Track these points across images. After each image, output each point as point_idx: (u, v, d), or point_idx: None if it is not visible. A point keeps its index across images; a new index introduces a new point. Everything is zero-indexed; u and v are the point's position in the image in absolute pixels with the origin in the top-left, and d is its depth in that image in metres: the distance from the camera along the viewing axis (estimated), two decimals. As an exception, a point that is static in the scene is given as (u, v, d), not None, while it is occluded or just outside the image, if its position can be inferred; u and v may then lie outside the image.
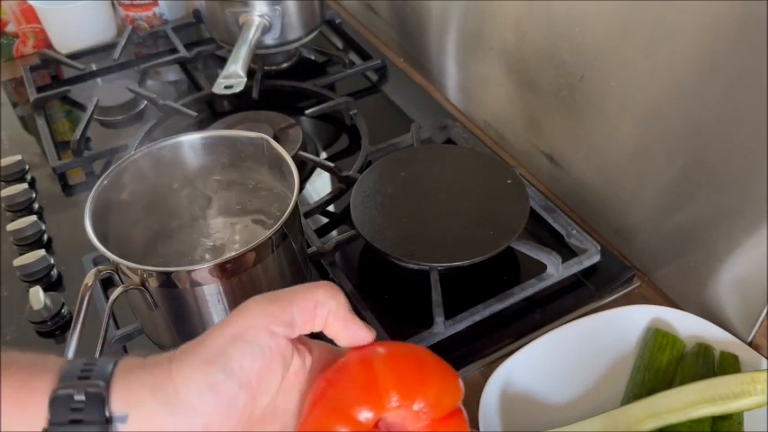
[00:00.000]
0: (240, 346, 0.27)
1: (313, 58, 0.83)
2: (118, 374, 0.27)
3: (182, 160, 0.52)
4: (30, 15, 0.86)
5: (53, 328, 0.54)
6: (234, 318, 0.28)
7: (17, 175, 0.68)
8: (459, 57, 0.71)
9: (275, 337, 0.28)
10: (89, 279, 0.43)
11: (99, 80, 0.81)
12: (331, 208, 0.62)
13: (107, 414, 0.26)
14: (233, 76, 0.67)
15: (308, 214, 0.60)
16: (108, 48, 0.84)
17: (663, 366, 0.46)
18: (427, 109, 0.74)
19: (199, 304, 0.44)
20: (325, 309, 0.29)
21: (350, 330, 0.30)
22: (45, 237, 0.62)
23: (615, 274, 0.54)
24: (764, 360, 0.45)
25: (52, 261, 0.59)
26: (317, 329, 0.30)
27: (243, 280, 0.44)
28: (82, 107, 0.77)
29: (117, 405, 0.26)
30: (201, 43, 0.85)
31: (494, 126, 0.69)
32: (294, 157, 0.52)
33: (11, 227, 0.61)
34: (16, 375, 0.26)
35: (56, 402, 0.26)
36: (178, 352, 0.28)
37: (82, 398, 0.26)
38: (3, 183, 0.67)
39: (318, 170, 0.67)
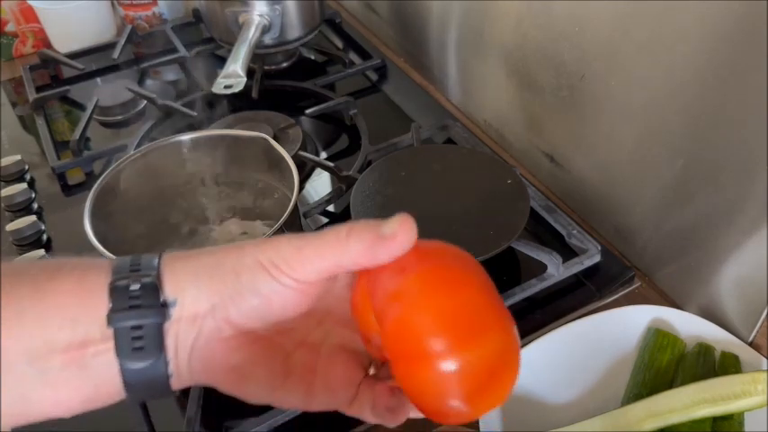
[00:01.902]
0: (263, 276, 0.28)
1: (313, 57, 0.83)
2: (165, 265, 0.28)
3: (181, 160, 0.52)
4: (29, 15, 0.86)
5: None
6: (268, 249, 0.28)
7: (16, 175, 0.68)
8: (459, 56, 0.71)
9: (296, 282, 0.28)
10: (89, 279, 0.43)
11: (98, 80, 0.81)
12: (331, 208, 0.62)
13: (162, 299, 0.28)
14: (232, 75, 0.66)
15: (307, 214, 0.60)
16: (107, 47, 0.83)
17: (663, 366, 0.46)
18: (427, 109, 0.74)
19: (199, 304, 0.44)
20: (347, 264, 0.28)
21: (380, 255, 0.27)
22: (44, 237, 0.62)
23: (616, 274, 0.54)
24: (765, 360, 0.45)
25: (52, 261, 0.58)
26: (349, 270, 0.29)
27: (243, 280, 0.44)
28: (81, 107, 0.77)
29: (169, 290, 0.28)
30: (201, 43, 0.85)
31: (494, 126, 0.69)
32: (294, 157, 0.52)
33: (10, 227, 0.61)
34: (73, 273, 0.28)
35: (115, 291, 0.27)
36: (227, 252, 0.29)
37: (137, 287, 0.27)
38: (2, 183, 0.67)
39: (318, 170, 0.67)
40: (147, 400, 0.29)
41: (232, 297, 0.28)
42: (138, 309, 0.27)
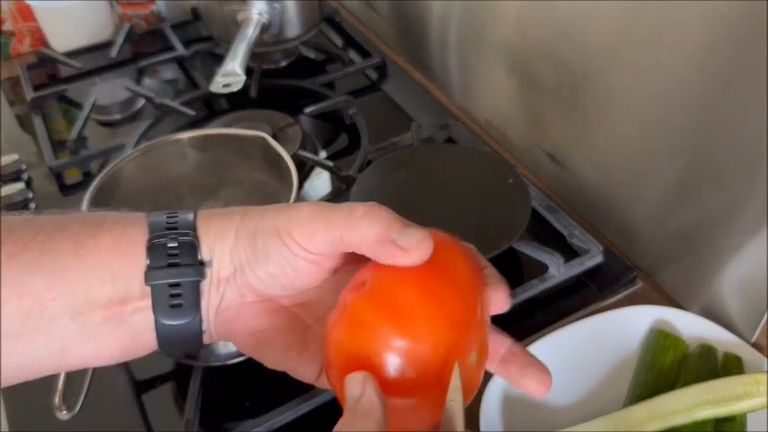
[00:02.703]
0: (276, 245, 0.27)
1: (312, 56, 0.83)
2: (200, 224, 0.29)
3: (179, 159, 0.51)
4: (26, 14, 0.86)
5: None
6: (284, 215, 0.28)
7: (14, 175, 0.67)
8: (459, 55, 0.70)
9: (308, 251, 0.27)
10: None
11: (96, 79, 0.81)
12: (330, 208, 0.62)
13: (199, 258, 0.28)
14: (231, 74, 0.66)
15: (307, 214, 0.59)
16: (105, 46, 0.83)
17: (666, 367, 0.45)
18: (428, 107, 0.73)
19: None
20: (352, 244, 0.27)
21: (384, 257, 0.26)
22: (42, 237, 0.61)
23: (618, 275, 0.54)
24: (767, 361, 0.45)
25: (49, 261, 0.58)
26: (352, 250, 0.27)
27: (242, 281, 0.44)
28: (79, 106, 0.76)
29: (204, 250, 0.28)
30: (199, 41, 0.84)
31: (495, 125, 0.69)
32: (293, 157, 0.52)
33: (7, 227, 0.60)
34: (113, 229, 0.28)
35: (153, 249, 0.28)
36: (253, 212, 0.29)
37: (175, 245, 0.28)
38: (0, 182, 0.67)
39: (318, 169, 0.66)
40: (177, 353, 0.31)
41: (249, 262, 0.28)
42: (177, 267, 0.27)
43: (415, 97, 0.75)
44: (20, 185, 0.65)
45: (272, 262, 0.28)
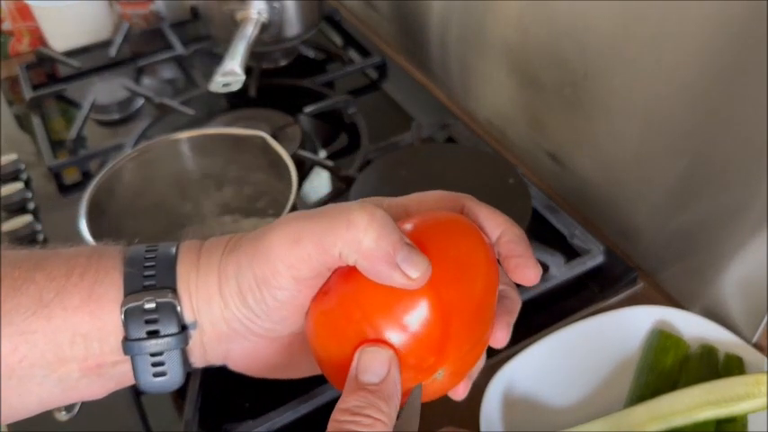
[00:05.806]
0: (269, 290, 0.26)
1: (312, 55, 0.83)
2: (181, 280, 0.27)
3: (178, 159, 0.51)
4: (25, 13, 0.86)
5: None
6: (259, 256, 0.26)
7: (13, 175, 0.67)
8: (460, 54, 0.70)
9: (301, 282, 0.26)
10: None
11: (95, 78, 0.81)
12: (330, 207, 0.61)
13: (182, 323, 0.26)
14: (230, 73, 0.66)
15: (307, 214, 0.59)
16: (104, 45, 0.83)
17: (667, 368, 0.45)
18: (428, 107, 0.73)
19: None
20: (350, 258, 0.25)
21: (383, 278, 0.25)
22: (40, 237, 0.61)
23: (619, 275, 0.54)
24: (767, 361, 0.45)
25: (48, 261, 0.58)
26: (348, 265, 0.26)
27: (241, 281, 0.44)
28: (78, 105, 0.76)
29: (187, 313, 0.26)
30: (198, 40, 0.84)
31: (496, 124, 0.69)
32: (293, 156, 0.52)
33: (6, 227, 0.60)
34: (81, 284, 0.26)
35: (129, 315, 0.26)
36: (225, 265, 0.27)
37: (153, 306, 0.26)
38: (-2, 182, 0.67)
39: (317, 169, 0.66)
40: None
41: (250, 319, 0.27)
42: (157, 336, 0.26)
43: (415, 96, 0.75)
44: (19, 185, 0.65)
45: (273, 310, 0.26)
